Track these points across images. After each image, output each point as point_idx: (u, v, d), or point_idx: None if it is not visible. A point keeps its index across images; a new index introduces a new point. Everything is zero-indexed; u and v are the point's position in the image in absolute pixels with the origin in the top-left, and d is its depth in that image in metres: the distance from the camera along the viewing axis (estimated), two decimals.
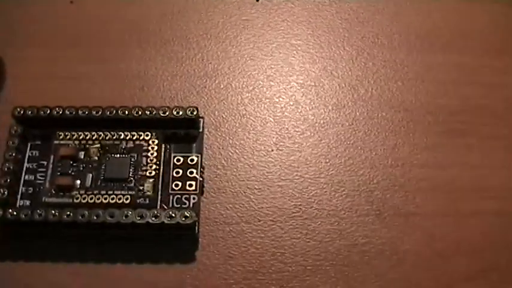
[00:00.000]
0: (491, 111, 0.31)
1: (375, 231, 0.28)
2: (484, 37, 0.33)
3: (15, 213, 0.26)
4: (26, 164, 0.28)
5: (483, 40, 0.33)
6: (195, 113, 0.29)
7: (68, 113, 0.29)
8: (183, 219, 0.26)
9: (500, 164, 0.30)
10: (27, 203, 0.28)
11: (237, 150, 0.30)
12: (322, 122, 0.31)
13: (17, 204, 0.27)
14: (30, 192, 0.28)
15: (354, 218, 0.28)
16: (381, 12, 0.34)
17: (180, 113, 0.29)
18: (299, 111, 0.31)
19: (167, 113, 0.28)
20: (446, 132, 0.31)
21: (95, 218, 0.26)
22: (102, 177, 0.28)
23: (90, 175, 0.28)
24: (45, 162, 0.28)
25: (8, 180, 0.27)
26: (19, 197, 0.28)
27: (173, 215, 0.26)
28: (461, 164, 0.30)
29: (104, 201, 0.27)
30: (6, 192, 0.27)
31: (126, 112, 0.29)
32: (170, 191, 0.28)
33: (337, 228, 0.28)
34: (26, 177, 0.28)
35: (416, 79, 0.32)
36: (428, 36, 0.33)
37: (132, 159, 0.28)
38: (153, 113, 0.29)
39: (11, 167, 0.28)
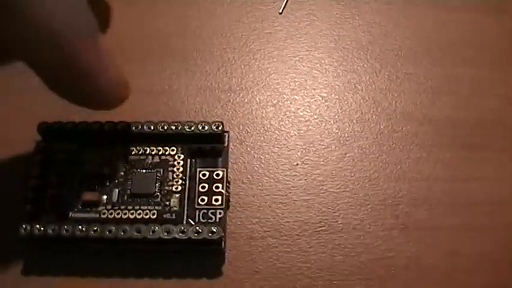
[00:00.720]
0: (508, 123, 0.31)
1: (400, 245, 0.28)
2: (501, 49, 0.33)
3: (42, 228, 0.26)
4: (51, 179, 0.28)
5: (501, 52, 0.33)
6: (220, 127, 0.29)
7: (93, 128, 0.29)
8: (210, 234, 0.26)
9: None
10: (54, 218, 0.28)
11: (262, 165, 0.30)
12: (346, 135, 0.31)
13: (44, 220, 0.27)
14: (56, 207, 0.28)
15: (379, 232, 0.28)
16: (403, 25, 0.34)
17: (206, 127, 0.29)
18: (323, 124, 0.31)
19: (193, 128, 0.28)
20: (469, 145, 0.30)
21: (121, 233, 0.26)
22: (128, 193, 0.28)
23: (117, 190, 0.28)
24: (71, 178, 0.28)
25: (35, 195, 0.27)
26: (45, 212, 0.28)
27: (200, 230, 0.26)
28: (484, 178, 0.30)
29: (130, 216, 0.27)
30: (32, 208, 0.27)
31: (152, 127, 0.29)
32: (196, 206, 0.28)
33: (362, 242, 0.28)
34: (52, 192, 0.28)
35: (440, 92, 0.32)
36: (450, 49, 0.33)
37: (158, 175, 0.28)
38: (179, 127, 0.29)
39: (37, 183, 0.28)
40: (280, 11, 0.34)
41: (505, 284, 0.28)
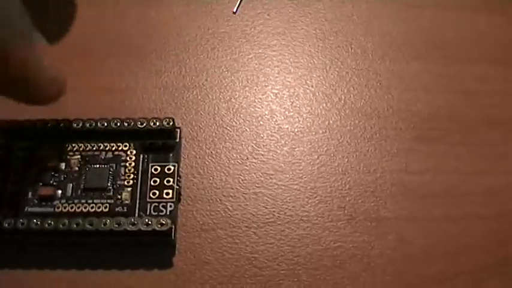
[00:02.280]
0: (461, 118, 0.32)
1: (346, 236, 0.29)
2: (457, 46, 0.34)
3: None
4: (10, 175, 0.29)
5: (455, 48, 0.34)
6: (171, 123, 0.30)
7: (50, 125, 0.30)
8: (159, 226, 0.27)
9: (470, 170, 0.31)
10: (11, 212, 0.28)
11: (213, 159, 0.31)
12: (296, 130, 0.31)
13: (1, 214, 0.28)
14: (14, 202, 0.29)
15: (326, 223, 0.29)
16: (354, 22, 0.34)
17: (157, 124, 0.30)
18: (274, 120, 0.32)
19: (145, 124, 0.30)
20: (417, 138, 0.31)
21: (75, 226, 0.27)
22: (82, 187, 0.29)
23: (71, 185, 0.29)
24: (28, 173, 0.29)
25: None
26: (3, 207, 0.29)
27: (149, 222, 0.27)
28: (432, 170, 0.31)
29: (83, 210, 0.28)
30: None
31: (105, 124, 0.30)
32: (148, 200, 0.29)
33: (309, 233, 0.29)
34: (10, 188, 0.29)
35: (389, 87, 0.33)
36: (401, 45, 0.34)
37: (111, 170, 0.29)
38: (131, 124, 0.30)
39: None
40: (235, 11, 0.35)
41: (454, 274, 0.29)
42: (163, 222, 0.27)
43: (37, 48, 0.25)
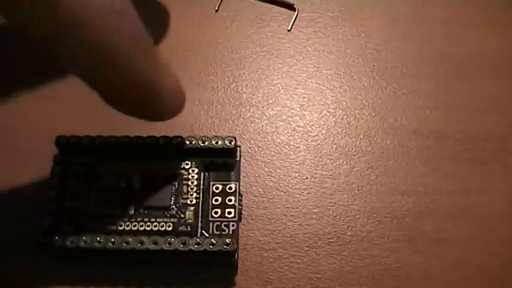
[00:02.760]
0: None
1: (406, 257, 0.29)
2: (508, 65, 0.34)
3: (61, 240, 0.27)
4: (69, 192, 0.29)
5: (507, 68, 0.34)
6: (233, 142, 0.30)
7: (110, 142, 0.30)
8: (225, 246, 0.27)
9: None
10: (72, 230, 0.28)
11: (272, 178, 0.31)
12: (354, 150, 0.32)
13: (62, 231, 0.28)
14: (74, 219, 0.29)
15: (387, 244, 0.29)
16: (408, 42, 0.35)
17: (219, 142, 0.29)
18: (331, 139, 0.32)
19: (206, 143, 0.29)
20: (473, 160, 0.31)
21: (139, 245, 0.27)
22: (144, 205, 0.29)
23: (133, 203, 0.29)
24: (88, 191, 0.29)
25: (54, 207, 0.28)
26: (64, 224, 0.28)
27: (215, 242, 0.27)
28: (489, 191, 0.31)
29: (146, 228, 0.28)
30: (51, 220, 0.28)
31: (167, 141, 0.30)
32: (210, 218, 0.29)
33: (370, 254, 0.29)
34: (70, 204, 0.29)
35: (444, 108, 0.33)
36: (455, 65, 0.34)
37: (173, 188, 0.29)
38: (193, 142, 0.29)
39: (56, 195, 0.29)
40: (289, 29, 0.35)
41: None
42: (229, 242, 0.27)
43: (158, 53, 0.23)
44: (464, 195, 0.31)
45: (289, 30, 0.35)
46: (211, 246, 0.27)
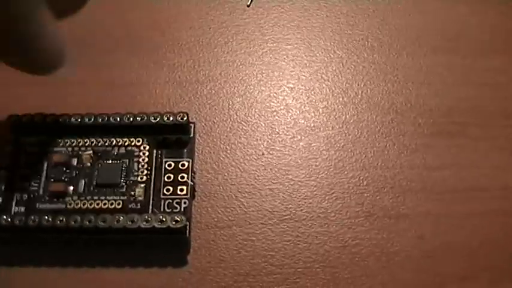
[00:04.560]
0: (481, 112, 0.31)
1: (364, 233, 0.28)
2: (474, 38, 0.34)
3: (9, 219, 0.27)
4: (20, 171, 0.29)
5: (472, 40, 0.33)
6: (185, 118, 0.29)
7: (62, 120, 0.29)
8: (174, 223, 0.27)
9: (490, 164, 0.30)
10: (22, 209, 0.28)
11: (228, 155, 0.30)
12: (312, 125, 0.31)
13: (12, 211, 0.28)
14: (25, 199, 0.28)
15: (344, 220, 0.29)
16: (370, 15, 0.34)
17: (171, 118, 0.29)
18: (290, 115, 0.31)
19: (158, 119, 0.29)
20: (436, 133, 0.31)
21: (87, 223, 0.27)
22: (94, 183, 0.28)
23: (83, 181, 0.28)
24: (39, 169, 0.29)
25: (3, 187, 0.28)
26: (14, 203, 0.28)
27: (164, 219, 0.27)
28: (452, 165, 0.30)
29: (96, 206, 0.27)
30: (1, 199, 0.27)
31: (118, 119, 0.29)
32: (162, 196, 0.28)
33: (327, 231, 0.28)
34: (21, 184, 0.28)
35: (406, 81, 0.32)
36: (418, 38, 0.33)
37: (124, 165, 0.29)
38: (144, 119, 0.29)
39: (6, 175, 0.28)
40: (248, 4, 0.34)
41: (474, 271, 0.28)
42: (178, 219, 0.27)
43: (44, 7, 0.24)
44: (425, 170, 0.30)
45: (248, 6, 0.34)
46: (160, 223, 0.27)
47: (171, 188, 0.28)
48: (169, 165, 0.29)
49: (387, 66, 0.32)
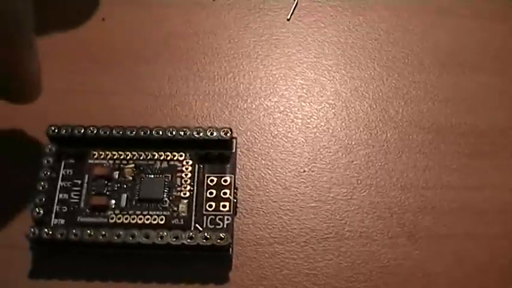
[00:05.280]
0: None
1: (406, 253, 0.28)
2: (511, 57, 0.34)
3: (50, 232, 0.26)
4: (60, 183, 0.28)
5: (510, 60, 0.33)
6: (228, 134, 0.29)
7: (102, 132, 0.29)
8: (218, 240, 0.26)
9: None
10: (62, 222, 0.28)
11: (269, 171, 0.30)
12: (353, 143, 0.31)
13: (52, 224, 0.27)
14: (64, 211, 0.28)
15: (386, 240, 0.28)
16: (410, 33, 0.34)
17: (214, 133, 0.29)
18: (330, 132, 0.31)
19: (201, 134, 0.29)
20: (475, 153, 0.31)
21: (130, 238, 0.26)
22: (136, 198, 0.28)
23: (125, 195, 0.28)
24: (79, 181, 0.28)
25: (43, 199, 0.27)
26: (54, 216, 0.28)
27: (208, 236, 0.26)
28: (491, 186, 0.30)
29: (138, 221, 0.27)
30: (41, 211, 0.27)
31: (161, 132, 0.29)
32: (204, 212, 0.28)
33: (369, 250, 0.28)
34: (61, 196, 0.28)
35: (446, 100, 0.32)
36: (458, 56, 0.33)
37: (166, 180, 0.28)
38: (187, 133, 0.29)
39: (46, 186, 0.28)
40: (288, 18, 0.34)
41: None
42: (223, 236, 0.26)
43: (34, 47, 0.26)
44: (465, 190, 0.30)
45: (288, 20, 0.34)
46: (204, 241, 0.26)
47: (213, 204, 0.28)
48: (212, 181, 0.29)
49: (427, 84, 0.32)
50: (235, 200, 0.28)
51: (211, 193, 0.28)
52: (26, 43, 0.25)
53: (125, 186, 0.28)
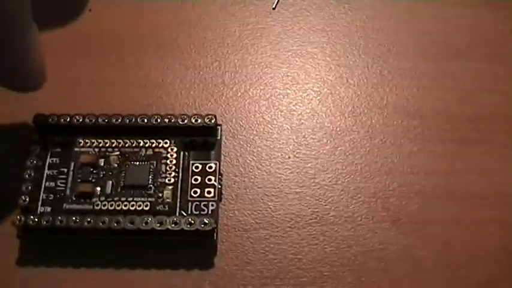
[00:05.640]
0: (506, 118, 0.31)
1: (391, 238, 0.28)
2: (499, 44, 0.34)
3: (36, 219, 0.27)
4: (46, 171, 0.29)
5: (498, 47, 0.33)
6: (213, 121, 0.29)
7: (88, 120, 0.29)
8: (202, 226, 0.27)
9: None
10: (48, 209, 0.28)
11: (254, 158, 0.30)
12: (338, 129, 0.31)
13: (38, 211, 0.28)
14: (51, 199, 0.28)
15: (371, 225, 0.29)
16: (396, 20, 0.34)
17: (199, 120, 0.29)
18: (315, 119, 0.31)
19: (186, 121, 0.29)
20: (461, 139, 0.31)
21: (115, 224, 0.27)
22: (122, 184, 0.28)
23: (110, 182, 0.28)
24: (65, 169, 0.29)
25: (29, 187, 0.27)
26: (40, 203, 0.28)
27: (192, 221, 0.27)
28: (477, 171, 0.30)
29: (123, 207, 0.27)
30: (27, 199, 0.27)
31: (146, 120, 0.29)
32: (189, 198, 0.28)
33: (353, 235, 0.28)
34: (47, 184, 0.28)
35: (432, 87, 0.32)
36: (444, 43, 0.33)
37: (152, 167, 0.28)
38: (172, 120, 0.29)
39: (32, 174, 0.28)
40: (274, 7, 0.34)
41: (500, 277, 0.28)
42: (207, 222, 0.27)
43: (34, 38, 0.26)
44: (451, 175, 0.30)
45: (273, 9, 0.34)
46: (188, 226, 0.27)
47: (198, 190, 0.28)
48: (197, 167, 0.29)
49: (412, 71, 0.32)
50: (219, 186, 0.29)
51: (196, 179, 0.28)
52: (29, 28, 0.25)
53: (110, 173, 0.28)
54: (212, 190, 0.28)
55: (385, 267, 0.28)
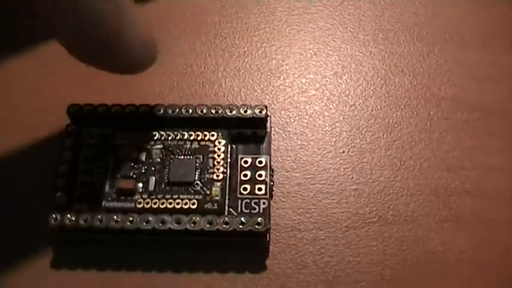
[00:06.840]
0: None
1: (453, 239, 0.26)
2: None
3: (73, 219, 0.25)
4: (82, 166, 0.26)
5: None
6: (264, 111, 0.27)
7: (127, 111, 0.27)
8: (256, 226, 0.25)
9: None
10: (86, 207, 0.26)
11: (306, 152, 0.28)
12: (394, 122, 0.29)
13: (75, 209, 0.26)
14: (88, 196, 0.26)
15: (432, 225, 0.27)
16: (452, 7, 0.32)
17: (248, 111, 0.27)
18: (369, 110, 0.29)
19: (234, 112, 0.27)
20: None
21: (160, 224, 0.25)
22: (166, 181, 0.26)
23: (153, 178, 0.26)
24: (103, 164, 0.26)
25: (65, 182, 0.26)
26: (77, 201, 0.26)
27: (245, 221, 0.25)
28: None
29: (168, 206, 0.25)
30: (63, 196, 0.25)
31: (190, 110, 0.27)
32: (238, 195, 0.26)
33: (415, 235, 0.26)
34: (84, 179, 0.26)
35: (491, 79, 0.30)
36: (503, 34, 0.31)
37: (198, 161, 0.26)
38: (219, 111, 0.27)
39: (68, 169, 0.26)
40: None
41: None
42: (260, 221, 0.25)
43: (129, 8, 0.22)
44: None
45: None
46: (241, 226, 0.25)
47: (248, 187, 0.26)
48: (246, 162, 0.27)
49: (471, 62, 0.30)
50: (271, 183, 0.26)
51: (245, 175, 0.26)
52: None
53: (153, 168, 0.26)
54: (263, 187, 0.26)
55: (448, 270, 0.26)
